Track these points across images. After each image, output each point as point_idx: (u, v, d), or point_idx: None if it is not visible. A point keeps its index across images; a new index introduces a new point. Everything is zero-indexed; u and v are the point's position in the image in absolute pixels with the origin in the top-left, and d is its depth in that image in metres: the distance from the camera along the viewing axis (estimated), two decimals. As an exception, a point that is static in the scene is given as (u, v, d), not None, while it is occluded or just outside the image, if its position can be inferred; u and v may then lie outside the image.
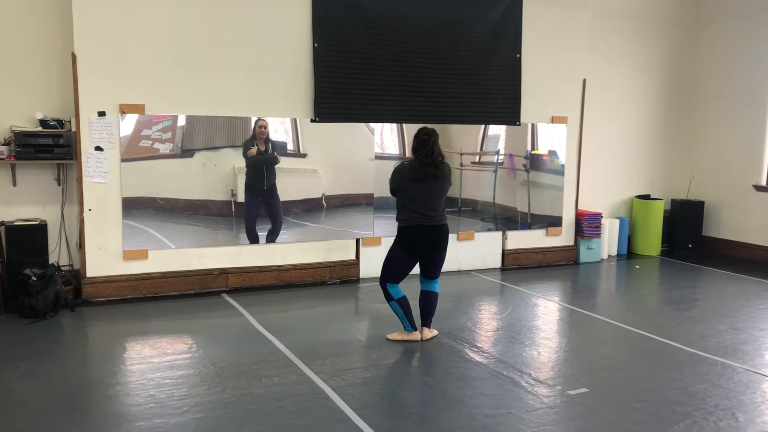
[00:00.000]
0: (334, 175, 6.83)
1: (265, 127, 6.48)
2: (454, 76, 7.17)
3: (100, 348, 5.03)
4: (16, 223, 5.82)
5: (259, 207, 6.58)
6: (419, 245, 4.93)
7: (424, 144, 4.85)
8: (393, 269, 5.01)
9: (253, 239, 6.56)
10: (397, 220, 5.02)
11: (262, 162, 6.52)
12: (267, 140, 6.53)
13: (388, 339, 5.13)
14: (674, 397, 4.10)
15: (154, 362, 4.55)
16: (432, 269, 5.09)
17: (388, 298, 5.04)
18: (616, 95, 8.59)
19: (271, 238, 6.63)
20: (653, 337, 5.27)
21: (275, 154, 6.56)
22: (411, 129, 6.39)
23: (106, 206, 5.97)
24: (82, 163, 5.86)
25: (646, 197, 8.88)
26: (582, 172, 8.12)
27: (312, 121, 6.63)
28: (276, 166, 6.57)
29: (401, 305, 5.02)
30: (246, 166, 6.46)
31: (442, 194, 4.98)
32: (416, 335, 5.08)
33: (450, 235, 7.24)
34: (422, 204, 4.86)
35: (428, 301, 5.13)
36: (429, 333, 5.14)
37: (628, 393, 4.15)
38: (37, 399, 3.95)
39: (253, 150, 6.45)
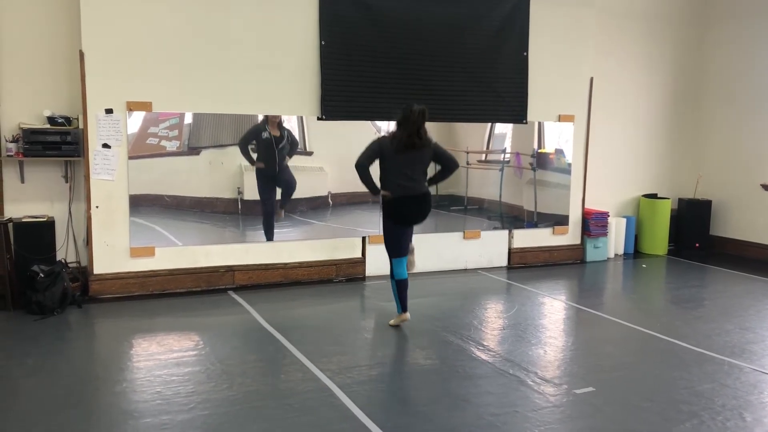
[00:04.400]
0: (340, 173, 6.83)
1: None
2: (461, 75, 7.15)
3: (107, 344, 5.05)
4: (24, 220, 5.85)
5: (273, 195, 6.58)
6: (403, 216, 5.14)
7: (407, 119, 5.00)
8: (391, 245, 5.23)
9: (270, 236, 6.58)
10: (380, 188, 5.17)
11: (274, 145, 6.52)
12: (281, 127, 6.53)
13: (389, 324, 5.32)
14: (681, 396, 4.08)
15: (161, 359, 4.56)
16: (408, 242, 5.32)
17: (391, 275, 5.27)
18: (623, 94, 8.56)
19: (283, 201, 6.62)
20: (660, 337, 5.25)
21: (294, 140, 6.61)
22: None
23: (113, 203, 5.99)
24: (89, 160, 5.87)
25: (653, 196, 8.85)
26: (589, 170, 8.10)
27: (318, 119, 6.63)
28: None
29: (398, 286, 5.23)
30: (257, 150, 6.47)
31: (423, 164, 5.14)
32: (406, 316, 5.26)
33: (456, 233, 7.34)
34: (403, 173, 5.04)
35: (405, 286, 5.28)
36: (408, 315, 5.33)
37: (634, 392, 4.14)
38: (44, 395, 3.96)
39: (261, 164, 6.49)
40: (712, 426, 3.69)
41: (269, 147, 6.51)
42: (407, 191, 5.06)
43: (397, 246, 5.20)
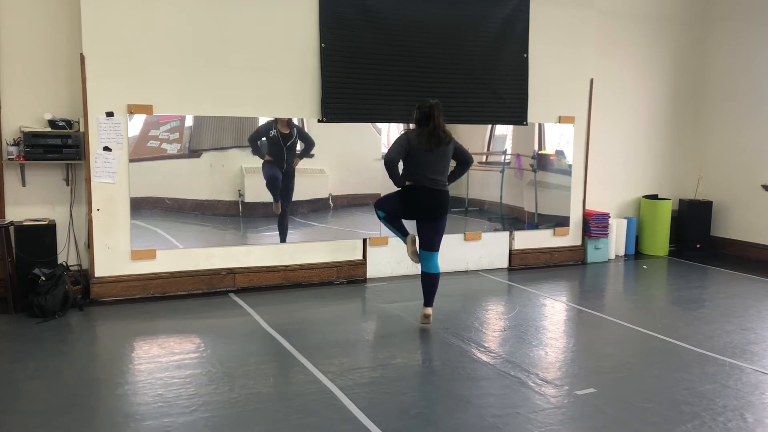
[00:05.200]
0: (341, 175, 6.84)
1: None
2: (461, 76, 7.16)
3: (108, 347, 5.05)
4: (25, 223, 5.86)
5: (278, 190, 6.60)
6: (417, 207, 5.20)
7: (428, 116, 5.11)
8: (388, 205, 5.37)
9: (274, 189, 6.58)
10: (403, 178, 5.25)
11: (282, 143, 6.54)
12: (290, 125, 6.55)
13: (411, 258, 5.43)
14: (682, 397, 4.08)
15: (162, 361, 4.56)
16: (432, 237, 5.27)
17: (378, 216, 5.45)
18: (623, 95, 8.56)
19: (282, 236, 6.63)
20: (661, 338, 5.25)
21: (307, 137, 6.63)
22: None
23: (114, 206, 6.00)
24: (90, 163, 5.88)
25: (654, 197, 8.85)
26: (589, 171, 8.10)
27: (319, 121, 6.64)
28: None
29: (389, 221, 5.39)
30: (267, 146, 6.50)
31: (448, 160, 5.25)
32: (410, 237, 5.40)
33: (457, 234, 7.34)
34: (430, 169, 5.12)
35: (431, 283, 5.33)
36: (430, 311, 5.32)
37: (635, 393, 4.14)
38: (46, 398, 3.97)
39: (268, 158, 6.49)
40: (713, 427, 3.69)
41: (276, 144, 6.52)
42: (431, 184, 5.14)
43: (388, 206, 5.35)
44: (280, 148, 6.53)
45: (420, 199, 5.16)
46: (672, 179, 9.10)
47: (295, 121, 6.60)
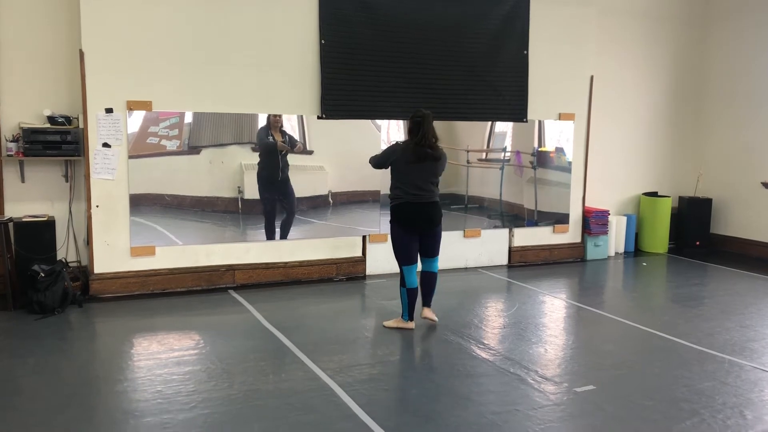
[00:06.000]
0: (341, 172, 6.84)
1: (280, 115, 6.50)
2: (461, 73, 7.15)
3: (107, 344, 5.04)
4: (24, 220, 5.85)
5: (276, 204, 6.60)
6: (410, 220, 5.07)
7: (419, 126, 4.99)
8: (400, 251, 5.16)
9: (271, 236, 6.59)
10: (389, 198, 5.19)
11: (278, 151, 6.53)
12: (283, 132, 6.54)
13: (384, 326, 5.28)
14: (682, 394, 4.08)
15: (162, 358, 4.56)
16: (429, 246, 5.20)
17: (401, 283, 5.19)
18: (623, 92, 8.55)
19: (283, 233, 6.64)
20: (661, 335, 5.25)
21: (299, 145, 6.63)
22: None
23: (113, 203, 5.99)
24: (89, 159, 5.87)
25: (654, 194, 8.85)
26: (589, 169, 8.10)
27: (318, 117, 6.63)
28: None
29: (408, 295, 5.17)
30: (260, 155, 6.48)
31: (435, 176, 5.11)
32: (411, 325, 5.21)
33: (456, 231, 7.34)
34: (414, 184, 5.02)
35: (428, 282, 5.28)
36: (430, 313, 5.27)
37: (635, 390, 4.14)
38: (45, 395, 3.96)
39: (282, 143, 6.49)
40: (712, 424, 3.69)
41: (273, 152, 6.51)
42: (416, 198, 5.03)
43: (406, 252, 5.13)
44: (275, 155, 6.53)
45: (408, 216, 5.05)
46: (672, 177, 9.10)
47: (294, 119, 6.58)
